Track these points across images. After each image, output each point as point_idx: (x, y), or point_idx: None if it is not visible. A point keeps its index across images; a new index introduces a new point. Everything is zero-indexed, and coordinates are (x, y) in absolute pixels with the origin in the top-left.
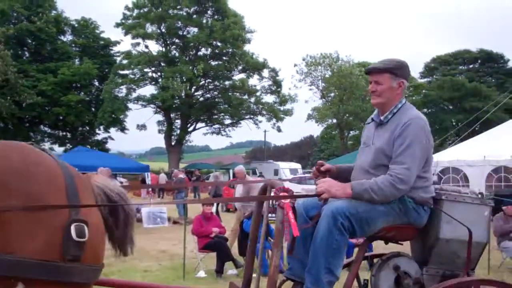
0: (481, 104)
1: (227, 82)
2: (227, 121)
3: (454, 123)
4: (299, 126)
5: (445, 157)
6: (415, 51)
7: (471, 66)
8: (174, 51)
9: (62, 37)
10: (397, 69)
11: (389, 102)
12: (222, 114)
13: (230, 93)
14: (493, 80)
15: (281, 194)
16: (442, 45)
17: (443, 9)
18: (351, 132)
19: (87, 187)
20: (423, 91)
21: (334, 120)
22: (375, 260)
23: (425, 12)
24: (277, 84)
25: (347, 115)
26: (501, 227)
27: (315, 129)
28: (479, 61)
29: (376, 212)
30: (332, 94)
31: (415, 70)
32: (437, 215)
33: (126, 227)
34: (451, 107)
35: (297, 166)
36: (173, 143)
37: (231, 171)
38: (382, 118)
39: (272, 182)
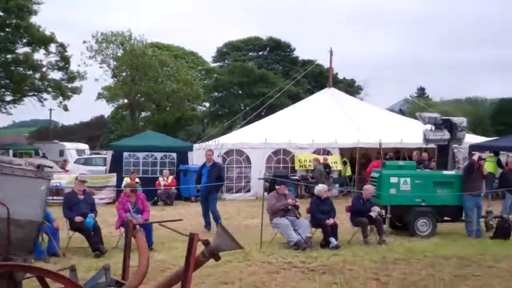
0: (267, 90)
1: (9, 56)
2: (8, 98)
3: (242, 107)
4: (89, 106)
5: (230, 140)
6: (208, 35)
7: (260, 53)
8: None
9: None
10: None
11: None
12: (3, 90)
13: (12, 68)
14: (280, 68)
15: None
16: (236, 32)
17: None
18: (142, 113)
19: None
20: (215, 75)
21: (126, 100)
22: None
23: None
24: (66, 60)
25: (139, 95)
26: (274, 205)
27: (106, 109)
28: (268, 48)
29: None
30: (124, 74)
31: (209, 55)
32: None
33: None
34: (240, 91)
35: (85, 146)
36: None
37: (11, 151)
38: None
39: None
